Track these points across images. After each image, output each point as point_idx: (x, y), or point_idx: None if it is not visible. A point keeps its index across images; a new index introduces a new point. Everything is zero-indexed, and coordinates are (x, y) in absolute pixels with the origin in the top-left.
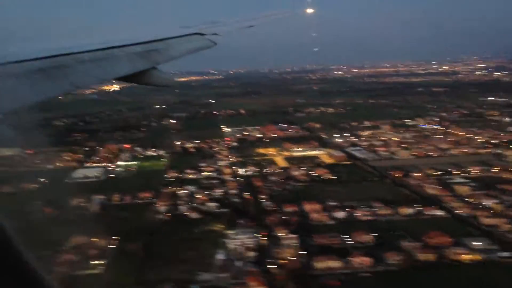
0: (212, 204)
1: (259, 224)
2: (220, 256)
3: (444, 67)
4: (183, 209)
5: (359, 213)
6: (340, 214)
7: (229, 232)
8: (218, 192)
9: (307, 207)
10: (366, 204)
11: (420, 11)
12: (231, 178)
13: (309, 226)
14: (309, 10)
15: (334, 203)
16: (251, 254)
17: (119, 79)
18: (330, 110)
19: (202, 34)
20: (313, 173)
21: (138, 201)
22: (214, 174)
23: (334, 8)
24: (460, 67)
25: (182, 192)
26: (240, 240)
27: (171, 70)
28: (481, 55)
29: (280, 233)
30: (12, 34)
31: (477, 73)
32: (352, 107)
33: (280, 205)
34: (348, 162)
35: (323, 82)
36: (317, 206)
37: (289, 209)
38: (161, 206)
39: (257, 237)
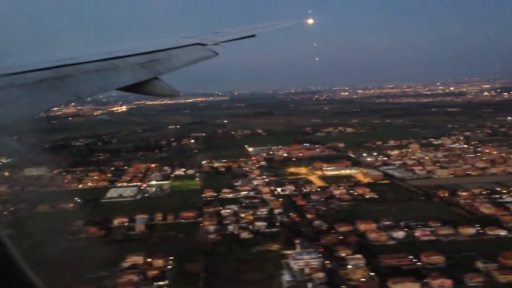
0: (260, 224)
1: (318, 244)
2: (287, 277)
3: (450, 88)
4: (231, 228)
5: (418, 233)
6: (400, 234)
7: (287, 252)
8: (263, 211)
9: (362, 226)
10: (423, 224)
11: (420, 34)
12: (271, 197)
13: (371, 246)
14: (310, 21)
15: (389, 223)
16: (320, 275)
17: (122, 89)
18: (349, 129)
19: (203, 45)
20: (354, 192)
21: (182, 220)
22: (252, 193)
23: (335, 32)
24: (466, 88)
25: (225, 211)
26: (303, 260)
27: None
28: (483, 76)
29: (343, 254)
30: (15, 45)
31: (486, 93)
32: (370, 127)
33: (332, 224)
34: (386, 181)
35: (332, 102)
36: (373, 226)
37: (343, 228)
38: (208, 226)
39: (320, 257)
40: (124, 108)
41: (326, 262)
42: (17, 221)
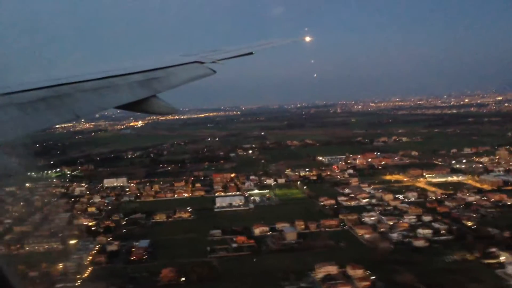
0: (424, 232)
1: None
2: None
3: (465, 100)
4: (395, 236)
5: None
6: None
7: (490, 261)
8: (411, 219)
9: None
10: None
11: (414, 49)
12: (402, 205)
13: None
14: (307, 38)
15: None
16: None
17: (120, 108)
18: (404, 139)
19: (201, 63)
20: (490, 199)
21: (327, 229)
22: (374, 201)
23: (333, 48)
24: (480, 100)
25: (367, 219)
26: None
27: (185, 107)
28: (485, 90)
29: None
30: (14, 64)
31: (506, 104)
32: (424, 136)
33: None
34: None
35: (354, 115)
36: None
37: None
38: (364, 234)
39: None
40: (140, 123)
41: None
42: (144, 231)
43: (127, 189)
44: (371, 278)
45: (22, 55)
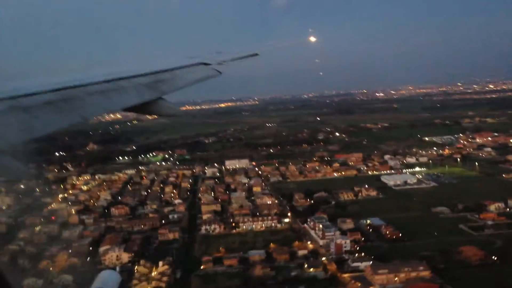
0: None
1: None
2: None
3: (490, 86)
4: None
5: None
6: None
7: None
8: None
9: None
10: None
11: (416, 40)
12: None
13: None
14: (312, 39)
15: None
16: None
17: (127, 110)
18: (489, 119)
19: (207, 64)
20: None
21: None
22: None
23: (340, 36)
24: (505, 86)
25: None
26: None
27: (195, 98)
28: (492, 78)
29: None
30: (21, 68)
31: None
32: (505, 117)
33: None
34: None
35: (384, 102)
36: None
37: None
38: None
39: None
40: None
41: None
42: (349, 209)
43: (258, 171)
44: None
45: (28, 59)
